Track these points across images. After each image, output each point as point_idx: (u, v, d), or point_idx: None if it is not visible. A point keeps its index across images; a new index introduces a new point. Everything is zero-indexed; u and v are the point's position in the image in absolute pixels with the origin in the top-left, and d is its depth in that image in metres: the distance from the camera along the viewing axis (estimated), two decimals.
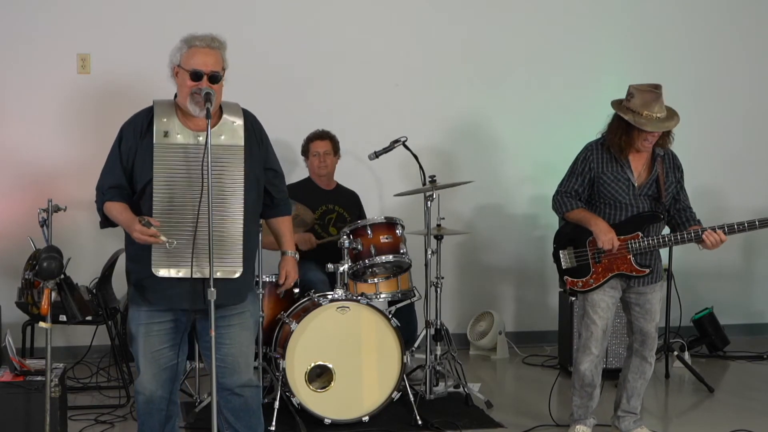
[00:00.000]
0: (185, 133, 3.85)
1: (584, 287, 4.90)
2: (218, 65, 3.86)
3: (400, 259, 5.64)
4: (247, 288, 4.04)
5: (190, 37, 3.90)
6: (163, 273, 3.81)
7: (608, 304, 4.88)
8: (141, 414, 4.03)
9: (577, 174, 4.93)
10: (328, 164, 6.32)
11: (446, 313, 6.52)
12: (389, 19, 7.09)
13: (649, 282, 4.87)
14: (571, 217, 4.94)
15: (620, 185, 4.82)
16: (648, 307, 4.89)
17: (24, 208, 6.28)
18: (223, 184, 3.86)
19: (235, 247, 3.87)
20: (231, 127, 3.92)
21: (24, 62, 6.60)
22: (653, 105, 4.68)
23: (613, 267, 4.83)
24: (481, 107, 7.24)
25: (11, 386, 4.51)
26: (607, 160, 4.86)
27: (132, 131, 3.90)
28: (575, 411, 5.04)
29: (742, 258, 7.64)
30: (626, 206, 4.83)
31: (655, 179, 4.84)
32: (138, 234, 3.71)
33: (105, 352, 6.26)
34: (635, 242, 4.79)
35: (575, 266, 4.93)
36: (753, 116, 7.66)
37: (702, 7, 7.53)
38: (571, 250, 4.95)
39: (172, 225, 3.79)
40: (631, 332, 4.99)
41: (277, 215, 4.23)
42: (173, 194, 3.80)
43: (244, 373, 4.02)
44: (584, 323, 4.94)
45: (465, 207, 7.25)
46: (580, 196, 4.93)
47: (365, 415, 5.22)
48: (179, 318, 3.92)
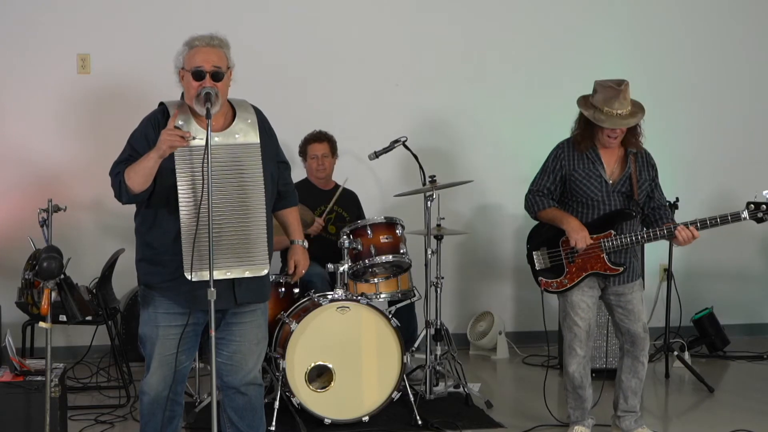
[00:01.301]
0: (201, 134, 3.80)
1: (559, 287, 4.90)
2: (221, 62, 3.85)
3: (400, 259, 5.64)
4: (269, 285, 4.06)
5: (190, 39, 3.90)
6: (196, 277, 3.76)
7: (588, 304, 4.87)
8: (144, 414, 4.03)
9: (548, 172, 4.93)
10: (326, 167, 6.32)
11: (446, 313, 6.51)
12: (389, 19, 7.08)
13: (625, 281, 4.85)
14: (543, 217, 4.94)
15: (592, 182, 4.82)
16: (630, 308, 4.88)
17: (24, 207, 6.27)
18: (245, 183, 3.86)
19: (260, 244, 3.88)
20: (246, 126, 3.92)
21: (24, 62, 6.60)
22: (613, 101, 4.69)
23: (587, 266, 4.82)
24: (481, 107, 7.23)
25: (11, 386, 4.51)
26: (578, 158, 4.86)
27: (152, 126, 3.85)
28: (572, 413, 5.03)
29: (742, 258, 7.63)
30: (599, 204, 4.82)
31: (628, 177, 4.83)
32: (167, 132, 3.64)
33: (105, 352, 6.25)
34: (608, 240, 4.78)
35: (549, 266, 4.94)
36: (755, 116, 7.65)
37: (703, 6, 7.52)
38: (544, 250, 4.96)
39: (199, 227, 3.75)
40: (620, 334, 4.98)
41: (285, 207, 4.20)
42: (198, 196, 3.77)
43: (251, 371, 4.03)
44: (566, 325, 4.94)
45: (465, 207, 7.24)
46: (552, 194, 4.93)
47: (365, 415, 5.22)
48: (197, 320, 3.92)
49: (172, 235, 3.80)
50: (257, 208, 3.88)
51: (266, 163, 3.93)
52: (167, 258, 3.82)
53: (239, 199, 3.84)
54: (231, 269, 3.80)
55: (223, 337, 3.95)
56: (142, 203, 3.89)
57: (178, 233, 3.78)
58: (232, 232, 3.82)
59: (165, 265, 3.84)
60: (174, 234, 3.79)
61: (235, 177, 3.82)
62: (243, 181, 3.86)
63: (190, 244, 3.75)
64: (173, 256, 3.80)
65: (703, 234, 4.91)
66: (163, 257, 3.85)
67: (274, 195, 4.06)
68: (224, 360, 3.97)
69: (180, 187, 3.78)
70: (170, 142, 3.67)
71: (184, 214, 3.78)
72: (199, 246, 3.76)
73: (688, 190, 6.87)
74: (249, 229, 3.86)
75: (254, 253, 3.88)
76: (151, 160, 3.72)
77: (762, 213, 4.75)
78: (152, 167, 3.73)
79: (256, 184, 3.88)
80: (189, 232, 3.76)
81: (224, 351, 3.97)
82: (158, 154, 3.70)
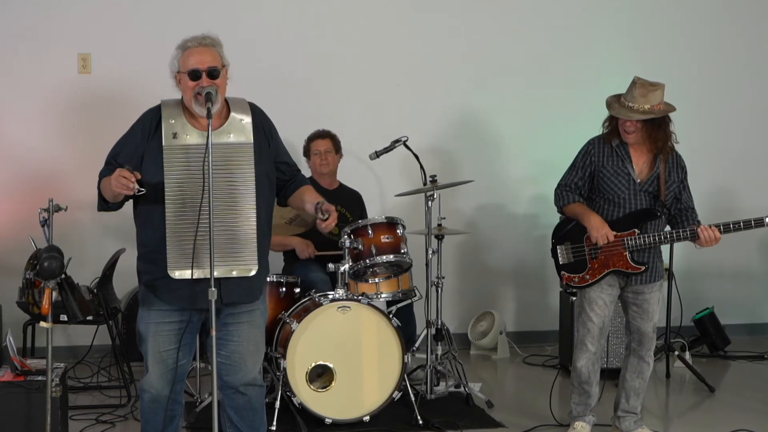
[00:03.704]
0: (194, 133, 3.84)
1: (580, 283, 4.91)
2: (215, 61, 3.85)
3: (401, 258, 5.64)
4: (260, 286, 4.04)
5: (182, 42, 3.91)
6: (178, 275, 3.79)
7: (605, 301, 4.88)
8: (145, 413, 4.03)
9: (578, 167, 4.95)
10: (329, 162, 6.31)
11: (447, 312, 6.51)
12: (391, 19, 7.08)
13: (647, 281, 4.87)
14: (568, 211, 4.97)
15: (620, 180, 4.83)
16: (645, 307, 4.89)
17: (25, 207, 6.27)
18: (235, 183, 3.86)
19: (249, 245, 3.87)
20: (239, 125, 3.91)
21: (25, 62, 6.60)
22: (631, 94, 4.75)
23: (609, 263, 4.83)
24: (482, 107, 7.24)
25: (12, 386, 4.51)
26: (608, 155, 4.87)
27: (140, 131, 3.89)
28: (574, 408, 5.04)
29: (743, 258, 7.63)
30: (625, 202, 4.84)
31: (656, 176, 4.84)
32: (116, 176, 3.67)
33: (106, 352, 6.25)
34: (631, 239, 4.79)
35: (572, 261, 4.95)
36: (758, 115, 7.65)
37: (703, 6, 7.52)
38: (568, 245, 4.97)
39: (186, 226, 3.78)
40: (629, 332, 5.00)
41: (297, 187, 4.16)
42: (185, 195, 3.79)
43: (250, 372, 4.03)
44: (581, 320, 4.95)
45: (466, 207, 7.24)
46: (580, 189, 4.95)
47: (366, 415, 5.23)
48: (191, 318, 3.92)
49: (162, 233, 3.81)
50: (247, 208, 3.87)
51: (260, 163, 3.92)
52: (159, 256, 3.83)
53: (228, 199, 3.84)
54: (218, 268, 3.79)
55: (221, 338, 3.94)
56: (138, 201, 3.91)
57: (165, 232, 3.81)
58: (220, 231, 3.81)
59: (157, 263, 3.85)
60: (164, 232, 3.81)
61: (224, 176, 3.82)
62: (233, 180, 3.85)
63: (173, 242, 3.78)
64: (163, 254, 3.81)
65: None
66: (155, 255, 3.86)
67: (271, 196, 4.05)
68: (223, 360, 3.97)
69: (167, 185, 3.79)
70: (118, 187, 3.71)
71: (169, 212, 3.79)
72: (183, 245, 3.77)
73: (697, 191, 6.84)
74: (238, 229, 3.86)
75: (242, 253, 3.87)
76: (107, 187, 3.81)
77: None
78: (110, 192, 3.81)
79: (247, 184, 3.87)
80: (173, 230, 3.78)
81: (222, 351, 3.97)
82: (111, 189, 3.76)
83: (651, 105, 4.73)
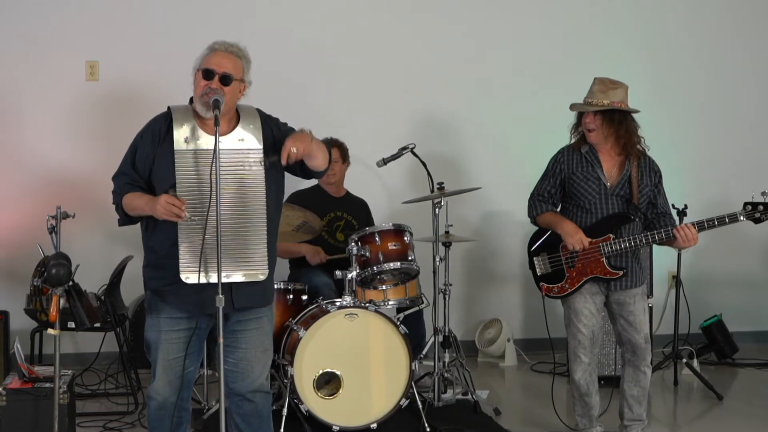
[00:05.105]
0: (204, 138, 3.86)
1: (560, 292, 4.91)
2: (233, 70, 3.88)
3: (409, 266, 5.64)
4: (272, 290, 4.05)
5: (212, 43, 3.96)
6: (193, 279, 3.80)
7: (591, 310, 4.87)
8: (152, 420, 4.04)
9: (549, 176, 4.97)
10: (336, 172, 6.30)
11: (454, 320, 6.51)
12: (397, 27, 7.09)
13: (627, 286, 4.84)
14: (541, 221, 4.98)
15: (590, 185, 4.82)
16: (631, 320, 4.86)
17: (32, 214, 6.27)
18: (245, 188, 3.87)
19: (259, 249, 3.88)
20: (249, 131, 3.93)
21: (33, 69, 6.62)
22: (593, 90, 4.82)
23: (587, 271, 4.82)
24: (490, 114, 7.23)
25: (20, 393, 4.53)
26: (578, 161, 4.89)
27: (150, 137, 3.90)
28: (579, 421, 5.03)
29: (750, 265, 7.61)
30: (596, 208, 4.82)
31: (627, 179, 4.83)
32: (164, 203, 3.70)
33: (113, 359, 6.26)
34: (607, 245, 4.78)
35: (550, 272, 4.95)
36: (763, 121, 7.63)
37: (707, 10, 7.52)
38: (545, 255, 4.97)
39: (198, 231, 3.78)
40: (621, 343, 4.97)
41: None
42: (196, 199, 3.80)
43: (257, 379, 4.03)
44: (571, 332, 4.94)
45: (473, 214, 7.24)
46: (552, 198, 4.96)
47: (373, 422, 5.22)
48: (200, 324, 3.93)
49: (172, 239, 3.82)
50: (257, 212, 3.89)
51: (271, 168, 3.93)
52: (168, 262, 3.84)
53: (239, 204, 3.85)
54: (228, 273, 3.80)
55: (228, 344, 3.94)
56: None
57: (177, 237, 3.80)
58: (231, 236, 3.82)
59: (166, 269, 3.85)
60: (174, 238, 3.81)
61: (235, 181, 3.84)
62: (243, 185, 3.87)
63: (186, 246, 3.78)
64: (173, 260, 3.81)
65: (711, 241, 4.91)
66: (164, 261, 3.87)
67: (279, 203, 4.07)
68: (230, 367, 3.98)
69: (178, 191, 3.80)
70: (166, 214, 3.73)
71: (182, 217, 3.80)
72: (195, 250, 3.78)
73: (695, 196, 6.83)
74: (248, 234, 3.87)
75: (253, 257, 3.88)
76: (145, 209, 3.83)
77: (759, 213, 4.74)
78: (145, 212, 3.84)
79: (257, 189, 3.89)
80: (185, 234, 3.79)
81: (230, 358, 3.97)
82: (153, 213, 3.79)
83: (610, 101, 4.75)
